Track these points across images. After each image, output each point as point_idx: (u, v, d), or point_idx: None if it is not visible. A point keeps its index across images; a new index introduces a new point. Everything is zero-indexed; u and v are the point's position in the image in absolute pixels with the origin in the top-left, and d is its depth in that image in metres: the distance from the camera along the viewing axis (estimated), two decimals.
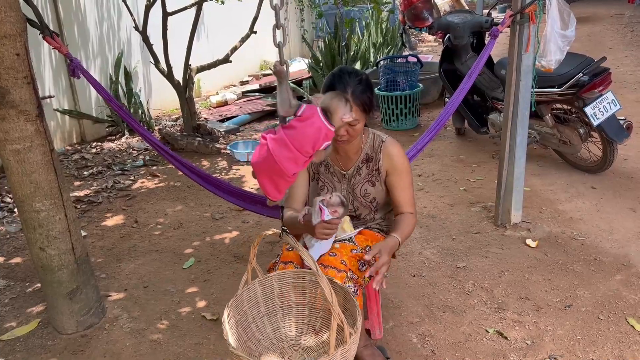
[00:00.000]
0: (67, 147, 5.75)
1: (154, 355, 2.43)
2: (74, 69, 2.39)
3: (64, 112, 5.69)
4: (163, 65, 5.20)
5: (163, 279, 3.06)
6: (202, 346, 2.47)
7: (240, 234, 3.54)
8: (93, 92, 6.09)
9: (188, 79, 5.25)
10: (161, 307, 2.78)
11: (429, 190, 4.06)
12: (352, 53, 7.24)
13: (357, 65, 7.38)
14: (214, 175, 4.64)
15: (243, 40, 5.53)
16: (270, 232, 1.69)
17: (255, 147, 1.66)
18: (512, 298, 2.66)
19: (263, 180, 1.65)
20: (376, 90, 5.81)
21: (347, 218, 2.21)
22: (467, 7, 7.90)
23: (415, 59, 5.78)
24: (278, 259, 2.10)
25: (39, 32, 2.36)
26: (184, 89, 5.25)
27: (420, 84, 5.78)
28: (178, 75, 5.37)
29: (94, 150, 5.53)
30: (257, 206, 2.91)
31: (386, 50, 8.21)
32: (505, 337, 2.38)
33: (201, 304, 2.79)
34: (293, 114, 1.60)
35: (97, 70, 6.15)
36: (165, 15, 4.95)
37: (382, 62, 5.81)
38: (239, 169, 4.78)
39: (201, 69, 5.44)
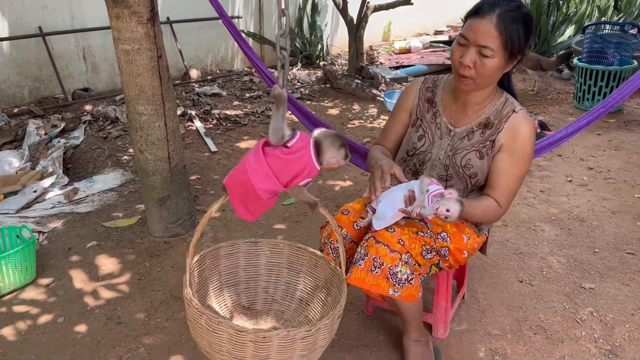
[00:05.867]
0: (246, 69, 6.04)
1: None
2: None
3: (248, 34, 5.93)
4: None
5: None
6: None
7: (353, 185, 3.33)
8: None
9: (362, 17, 5.01)
10: (244, 235, 2.76)
11: (593, 188, 3.31)
12: (564, 13, 6.19)
13: (569, 31, 6.34)
14: (358, 122, 4.44)
15: None
16: None
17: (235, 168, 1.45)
18: (635, 345, 2.02)
19: (235, 202, 1.46)
20: (575, 60, 4.91)
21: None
22: None
23: (636, 30, 4.69)
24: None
25: None
26: (356, 27, 5.03)
27: (634, 61, 4.70)
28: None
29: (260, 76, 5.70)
30: (357, 159, 2.64)
31: (616, 18, 6.87)
32: None
33: None
34: (283, 144, 1.37)
35: None
36: None
37: (589, 28, 4.84)
38: (386, 119, 4.48)
39: (379, 8, 5.14)
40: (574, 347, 2.02)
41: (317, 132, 1.42)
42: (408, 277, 1.68)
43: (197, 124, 4.19)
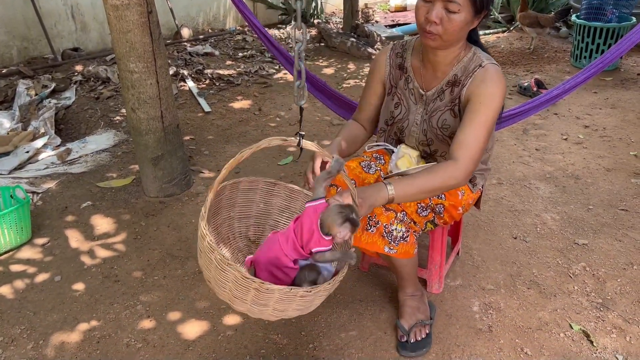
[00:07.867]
0: (238, 27, 5.92)
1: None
2: None
3: None
4: None
5: (256, 169, 3.02)
6: None
7: None
8: None
9: None
10: None
11: (588, 146, 3.31)
12: None
13: None
14: (353, 81, 4.39)
15: None
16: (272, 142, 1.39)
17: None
18: (626, 299, 2.06)
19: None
20: (573, 17, 4.83)
21: (409, 152, 1.84)
22: None
23: None
24: None
25: None
26: None
27: (633, 18, 4.63)
28: None
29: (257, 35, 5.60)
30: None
31: None
32: (591, 342, 1.86)
33: None
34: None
35: None
36: None
37: None
38: None
39: None
40: (566, 300, 2.06)
41: (323, 213, 1.40)
42: (403, 234, 1.69)
43: (190, 83, 4.13)
